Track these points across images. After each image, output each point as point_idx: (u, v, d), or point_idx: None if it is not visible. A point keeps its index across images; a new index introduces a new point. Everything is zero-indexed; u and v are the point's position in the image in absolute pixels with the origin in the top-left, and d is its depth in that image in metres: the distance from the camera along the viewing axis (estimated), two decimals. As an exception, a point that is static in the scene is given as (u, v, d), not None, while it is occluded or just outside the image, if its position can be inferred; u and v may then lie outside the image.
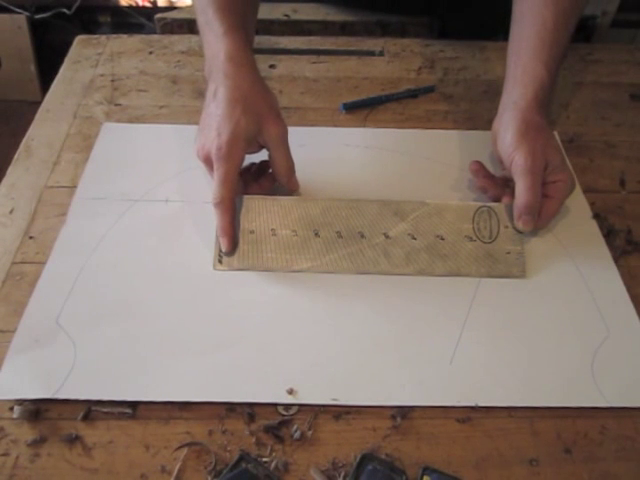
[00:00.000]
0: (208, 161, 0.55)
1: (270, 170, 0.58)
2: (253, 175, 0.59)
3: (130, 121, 0.68)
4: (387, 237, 0.56)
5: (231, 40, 0.57)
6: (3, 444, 0.43)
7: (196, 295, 0.52)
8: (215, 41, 0.58)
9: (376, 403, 0.45)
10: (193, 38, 0.81)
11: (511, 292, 0.53)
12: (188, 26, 0.91)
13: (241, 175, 0.56)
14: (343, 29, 0.89)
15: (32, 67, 1.84)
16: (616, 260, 0.56)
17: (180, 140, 0.66)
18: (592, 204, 0.61)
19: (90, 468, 0.42)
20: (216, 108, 0.55)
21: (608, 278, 0.54)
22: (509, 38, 0.63)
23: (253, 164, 0.60)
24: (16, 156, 0.64)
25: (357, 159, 0.64)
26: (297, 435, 0.44)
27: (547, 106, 0.59)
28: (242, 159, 0.54)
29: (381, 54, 0.79)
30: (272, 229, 0.56)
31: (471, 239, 0.56)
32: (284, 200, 0.58)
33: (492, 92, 0.71)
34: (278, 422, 0.44)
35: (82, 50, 0.79)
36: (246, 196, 0.58)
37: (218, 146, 0.53)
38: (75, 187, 0.60)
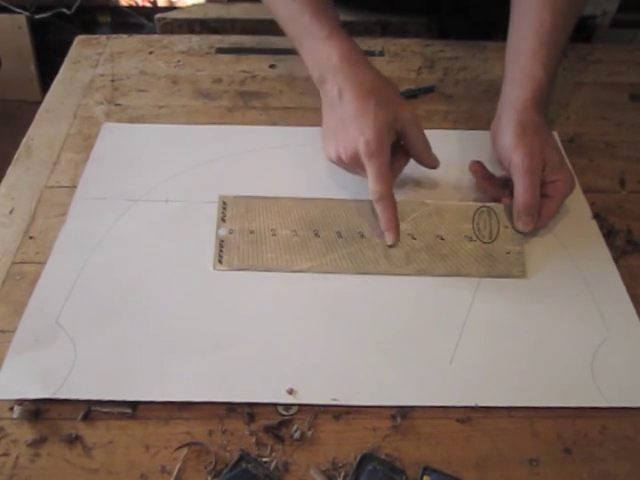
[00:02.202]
0: (354, 160, 0.55)
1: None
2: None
3: (130, 121, 0.68)
4: (387, 237, 0.56)
5: (338, 41, 0.58)
6: (3, 444, 0.43)
7: (196, 295, 0.52)
8: (321, 46, 0.59)
9: (376, 403, 0.45)
10: (193, 38, 0.81)
11: (511, 292, 0.53)
12: (188, 26, 0.91)
13: None
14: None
15: (32, 67, 1.84)
16: (616, 260, 0.56)
17: (180, 140, 0.66)
18: (592, 204, 0.61)
19: (90, 468, 0.42)
20: (347, 109, 0.56)
21: (608, 278, 0.54)
22: (507, 39, 0.63)
23: None
24: (16, 156, 0.64)
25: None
26: (297, 435, 0.44)
27: (545, 106, 0.59)
28: (390, 152, 0.55)
29: (381, 54, 0.79)
30: (272, 229, 0.56)
31: (471, 239, 0.56)
32: (284, 200, 0.58)
33: (492, 92, 0.71)
34: (278, 422, 0.44)
35: (82, 50, 0.79)
36: (246, 196, 0.58)
37: (366, 143, 0.53)
38: (75, 187, 0.60)
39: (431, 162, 0.59)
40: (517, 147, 0.55)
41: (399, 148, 0.58)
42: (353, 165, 0.56)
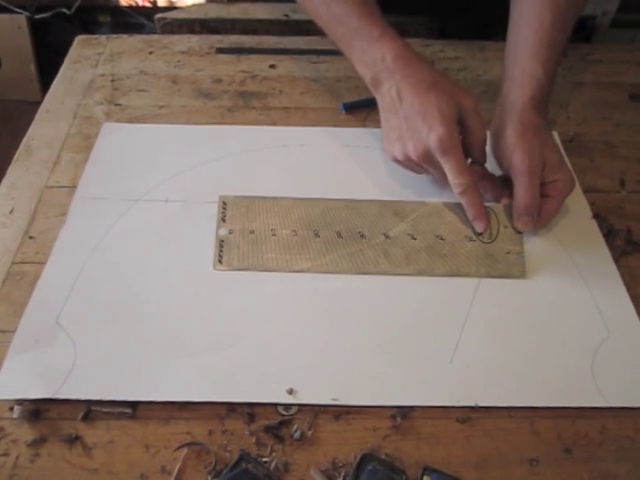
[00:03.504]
0: (426, 158, 0.55)
1: None
2: None
3: (130, 121, 0.68)
4: (387, 237, 0.56)
5: (390, 41, 0.58)
6: (3, 444, 0.43)
7: (196, 295, 0.52)
8: (372, 47, 0.58)
9: (376, 403, 0.45)
10: (193, 38, 0.81)
11: (511, 292, 0.53)
12: (188, 26, 0.91)
13: None
14: (343, 29, 0.89)
15: (32, 67, 1.84)
16: (616, 260, 0.56)
17: (180, 140, 0.66)
18: (592, 204, 0.61)
19: (90, 468, 0.42)
20: (410, 107, 0.55)
21: (608, 278, 0.54)
22: (507, 39, 0.63)
23: None
24: (16, 156, 0.64)
25: (357, 159, 0.64)
26: (297, 435, 0.44)
27: (545, 107, 0.59)
28: (461, 144, 0.55)
29: (381, 54, 0.79)
30: (272, 229, 0.56)
31: (471, 239, 0.56)
32: (284, 200, 0.58)
33: (492, 92, 0.71)
34: (278, 422, 0.44)
35: (82, 50, 0.79)
36: (246, 196, 0.58)
37: (438, 140, 0.53)
38: (75, 187, 0.60)
39: (481, 156, 0.58)
40: (517, 147, 0.55)
41: None
42: (424, 162, 0.56)
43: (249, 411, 0.45)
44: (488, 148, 0.62)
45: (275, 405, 0.45)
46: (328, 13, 0.62)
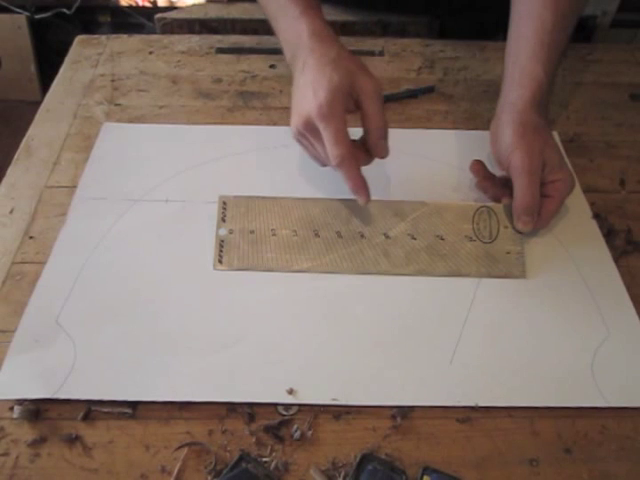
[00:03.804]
0: (309, 127, 0.52)
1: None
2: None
3: (130, 121, 0.68)
4: (387, 237, 0.56)
5: (310, 19, 0.57)
6: (3, 444, 0.43)
7: (196, 295, 0.52)
8: (293, 24, 0.58)
9: (376, 403, 0.45)
10: (193, 38, 0.81)
11: (511, 292, 0.53)
12: (188, 26, 0.91)
13: None
14: (343, 29, 0.89)
15: (32, 67, 1.84)
16: (616, 260, 0.56)
17: (180, 140, 0.66)
18: (592, 204, 0.61)
19: (90, 468, 0.42)
20: (306, 77, 0.54)
21: (608, 278, 0.54)
22: (507, 39, 0.63)
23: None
24: (16, 156, 0.64)
25: (357, 159, 0.64)
26: (297, 435, 0.44)
27: (545, 107, 0.59)
28: (345, 115, 0.52)
29: (381, 54, 0.79)
30: (272, 229, 0.56)
31: (471, 239, 0.56)
32: (284, 200, 0.58)
33: (492, 92, 0.71)
34: (278, 422, 0.44)
35: (82, 50, 0.79)
36: (246, 196, 0.58)
37: (318, 106, 0.51)
38: (75, 187, 0.60)
39: (378, 149, 0.54)
40: (516, 147, 0.55)
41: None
42: (307, 131, 0.53)
43: (249, 411, 0.45)
44: (487, 148, 0.62)
45: (275, 405, 0.45)
46: None
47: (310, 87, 0.52)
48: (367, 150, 0.55)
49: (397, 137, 0.67)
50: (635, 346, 0.49)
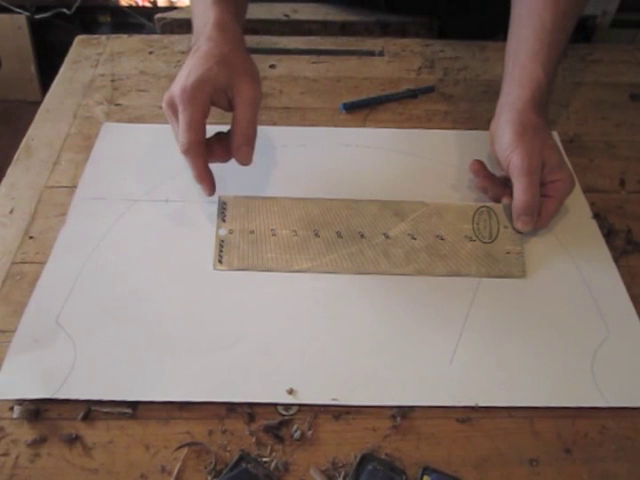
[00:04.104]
0: (170, 105, 0.52)
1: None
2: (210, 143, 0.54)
3: (130, 121, 0.68)
4: (387, 237, 0.56)
5: (219, 9, 0.57)
6: (3, 444, 0.43)
7: (196, 295, 0.52)
8: (204, 11, 0.58)
9: (376, 403, 0.45)
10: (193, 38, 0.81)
11: (511, 292, 0.53)
12: (188, 26, 0.91)
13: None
14: (343, 29, 0.89)
15: (32, 67, 1.84)
16: (616, 260, 0.56)
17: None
18: (592, 204, 0.61)
19: (90, 468, 0.42)
20: (191, 60, 0.53)
21: (608, 278, 0.54)
22: (507, 39, 0.63)
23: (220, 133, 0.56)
24: (16, 156, 0.64)
25: (357, 159, 0.64)
26: (297, 435, 0.44)
27: (545, 107, 0.59)
28: (208, 104, 0.51)
29: (381, 54, 0.79)
30: (272, 229, 0.56)
31: (471, 239, 0.56)
32: (284, 200, 0.58)
33: (492, 92, 0.71)
34: (278, 422, 0.44)
35: (82, 50, 0.79)
36: (246, 196, 0.58)
37: (182, 88, 0.50)
38: (75, 187, 0.60)
39: (240, 153, 0.52)
40: (516, 147, 0.55)
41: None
42: (169, 109, 0.52)
43: (249, 411, 0.45)
44: (487, 148, 0.62)
45: (275, 405, 0.45)
46: None
47: (187, 69, 0.53)
48: (228, 150, 0.54)
49: (397, 137, 0.68)
50: (635, 346, 0.49)
